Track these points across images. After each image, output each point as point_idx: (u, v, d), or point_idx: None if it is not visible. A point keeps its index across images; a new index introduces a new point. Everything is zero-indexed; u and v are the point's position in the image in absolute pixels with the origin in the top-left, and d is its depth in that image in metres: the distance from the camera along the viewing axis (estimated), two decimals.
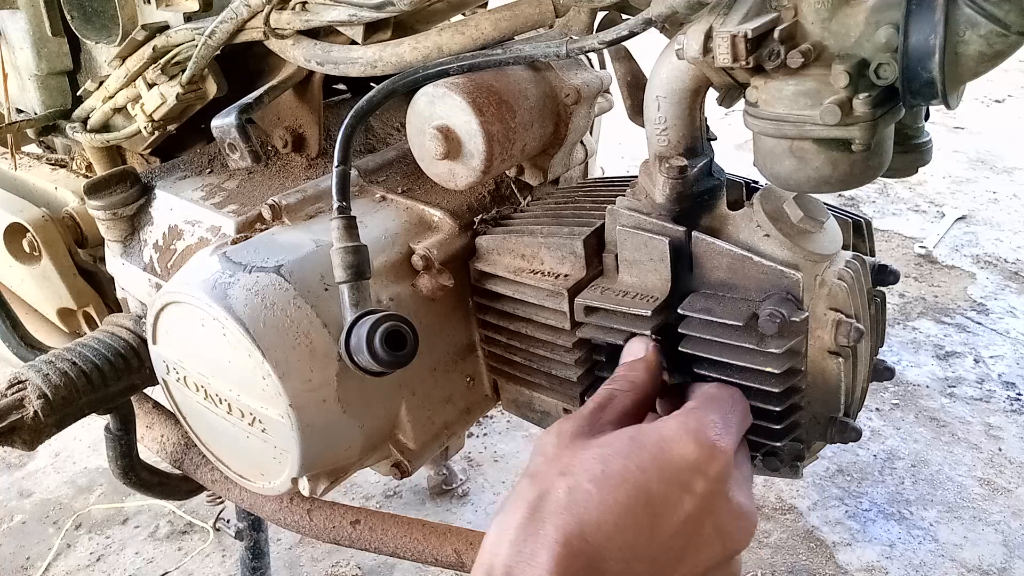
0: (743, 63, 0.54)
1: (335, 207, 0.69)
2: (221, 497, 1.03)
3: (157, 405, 1.10)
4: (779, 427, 0.64)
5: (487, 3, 0.95)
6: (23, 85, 1.12)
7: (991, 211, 3.44)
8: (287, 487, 0.79)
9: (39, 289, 1.14)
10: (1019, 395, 2.41)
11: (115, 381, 0.93)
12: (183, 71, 0.89)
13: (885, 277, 0.72)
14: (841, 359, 0.63)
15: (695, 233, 0.65)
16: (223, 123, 0.85)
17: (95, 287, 1.14)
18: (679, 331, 0.65)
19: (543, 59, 0.74)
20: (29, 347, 1.14)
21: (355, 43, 0.80)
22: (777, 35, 0.54)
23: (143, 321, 0.94)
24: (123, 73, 0.94)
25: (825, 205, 0.66)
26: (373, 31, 0.80)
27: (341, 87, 1.18)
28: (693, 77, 0.64)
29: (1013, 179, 3.72)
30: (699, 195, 0.67)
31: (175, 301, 0.75)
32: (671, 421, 0.55)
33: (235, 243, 0.78)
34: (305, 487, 0.80)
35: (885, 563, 1.91)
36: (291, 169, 0.97)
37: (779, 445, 0.65)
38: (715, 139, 0.73)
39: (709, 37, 0.56)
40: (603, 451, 0.53)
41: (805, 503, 2.08)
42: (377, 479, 2.19)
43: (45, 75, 1.09)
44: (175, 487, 1.10)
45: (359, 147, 1.00)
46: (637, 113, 0.83)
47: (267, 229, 0.81)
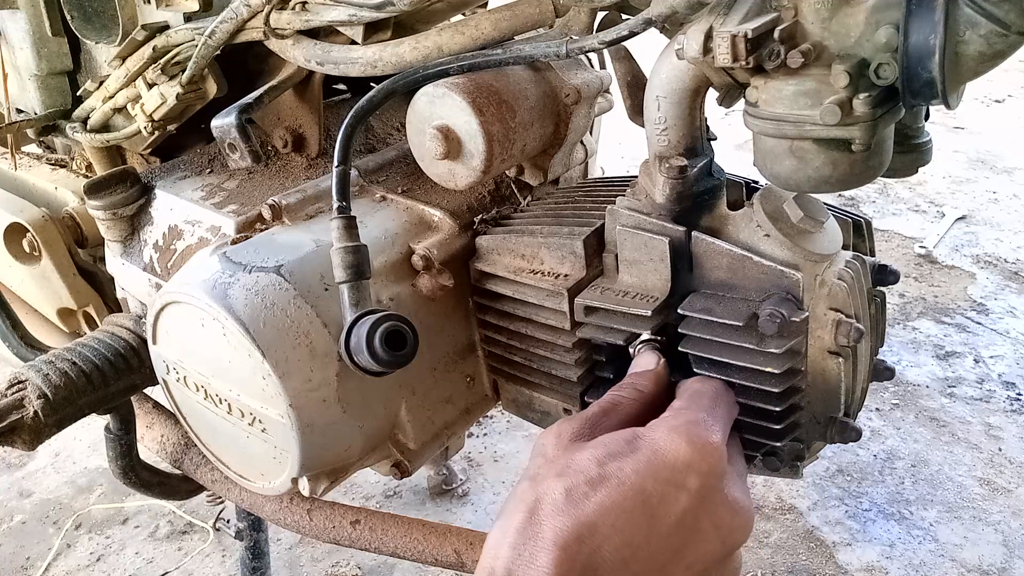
0: (743, 63, 0.54)
1: (335, 207, 0.69)
2: (221, 497, 1.03)
3: (157, 405, 1.10)
4: (779, 427, 0.64)
5: (487, 3, 0.95)
6: (23, 85, 1.12)
7: (991, 211, 3.44)
8: (287, 487, 0.79)
9: (39, 289, 1.14)
10: (1019, 395, 2.41)
11: (115, 381, 0.93)
12: (183, 71, 0.89)
13: (885, 277, 0.72)
14: (841, 359, 0.63)
15: (695, 233, 0.65)
16: (223, 123, 0.85)
17: (95, 287, 1.14)
18: (679, 331, 0.65)
19: (543, 59, 0.74)
20: (29, 347, 1.14)
21: (355, 43, 0.80)
22: (777, 35, 0.54)
23: (143, 321, 0.94)
24: (123, 73, 0.94)
25: (825, 205, 0.66)
26: (373, 31, 0.80)
27: (341, 87, 1.18)
28: (693, 77, 0.64)
29: (1013, 179, 3.72)
30: (699, 195, 0.67)
31: (175, 301, 0.75)
32: (661, 424, 0.56)
33: (235, 243, 0.78)
34: (305, 487, 0.80)
35: (885, 563, 1.91)
36: (291, 169, 0.97)
37: (779, 445, 0.66)
38: (715, 139, 0.73)
39: (709, 37, 0.56)
40: (599, 452, 0.54)
41: (805, 503, 2.08)
42: (377, 479, 2.19)
43: (45, 75, 1.09)
44: (175, 487, 1.10)
45: (359, 147, 1.00)
46: (637, 113, 0.83)
47: (267, 229, 0.81)
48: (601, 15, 0.86)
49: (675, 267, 0.66)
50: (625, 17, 0.80)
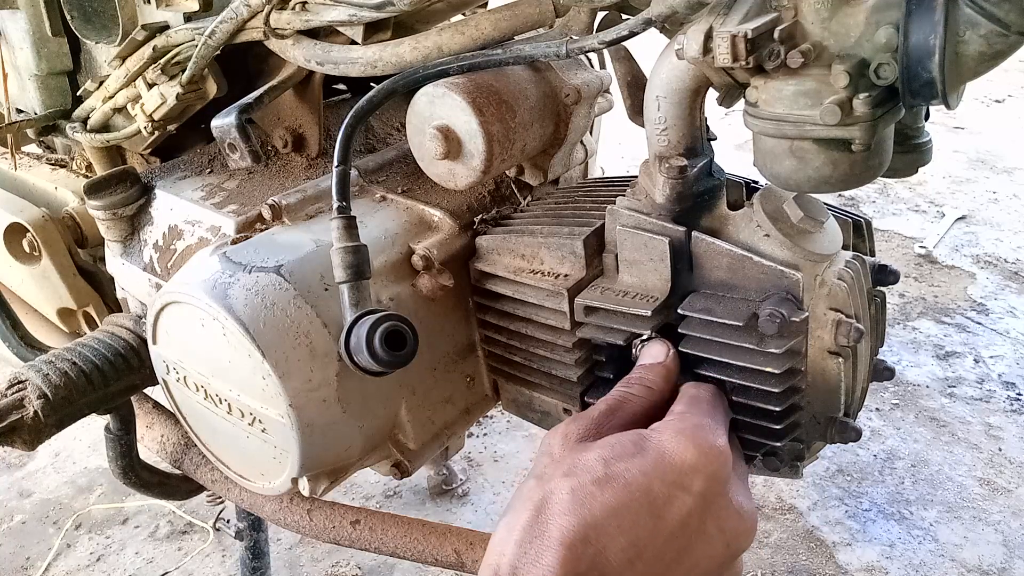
0: (743, 63, 0.54)
1: (335, 207, 0.69)
2: (221, 497, 1.03)
3: (157, 405, 1.10)
4: (779, 427, 0.64)
5: (487, 3, 0.95)
6: (23, 85, 1.12)
7: (991, 211, 3.44)
8: (287, 487, 0.79)
9: (39, 289, 1.14)
10: (1019, 395, 2.41)
11: (115, 381, 0.93)
12: (183, 71, 0.89)
13: (885, 277, 0.72)
14: (841, 359, 0.63)
15: (695, 233, 0.65)
16: (223, 123, 0.85)
17: (95, 287, 1.14)
18: (679, 331, 0.65)
19: (543, 59, 0.74)
20: (29, 347, 1.14)
21: (355, 43, 0.80)
22: (777, 35, 0.54)
23: (143, 321, 0.94)
24: (123, 73, 0.94)
25: (825, 205, 0.66)
26: (373, 31, 0.80)
27: (341, 87, 1.18)
28: (693, 77, 0.64)
29: (1013, 179, 3.72)
30: (699, 195, 0.67)
31: (175, 301, 0.75)
32: (667, 427, 0.56)
33: (235, 243, 0.78)
34: (305, 487, 0.80)
35: (885, 563, 1.91)
36: (291, 169, 0.97)
37: (779, 445, 0.66)
38: (715, 139, 0.73)
39: (709, 37, 0.56)
40: (606, 453, 0.54)
41: (805, 503, 2.08)
42: (377, 479, 2.19)
43: (45, 75, 1.09)
44: (175, 487, 1.10)
45: (359, 147, 1.00)
46: (637, 113, 0.83)
47: (267, 229, 0.81)
48: (601, 15, 0.86)
49: (675, 267, 0.66)
50: (625, 17, 0.80)
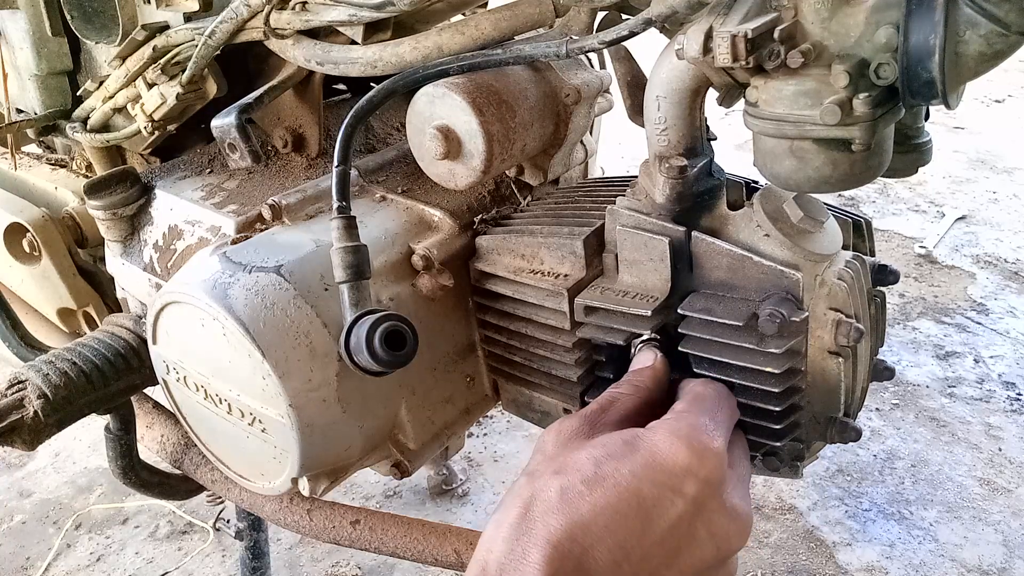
0: (743, 63, 0.54)
1: (335, 207, 0.69)
2: (221, 497, 1.03)
3: (157, 405, 1.10)
4: (779, 427, 0.64)
5: (487, 3, 0.95)
6: (23, 85, 1.12)
7: (991, 211, 3.44)
8: (287, 487, 0.79)
9: (39, 289, 1.14)
10: (1019, 395, 2.41)
11: (115, 381, 0.93)
12: (183, 71, 0.89)
13: (885, 277, 0.72)
14: (841, 359, 0.63)
15: (695, 233, 0.65)
16: (223, 123, 0.85)
17: (95, 287, 1.14)
18: (679, 331, 0.65)
19: (543, 59, 0.74)
20: (29, 347, 1.14)
21: (355, 43, 0.80)
22: (777, 35, 0.54)
23: (143, 321, 0.94)
24: (123, 73, 0.94)
25: (825, 205, 0.66)
26: (373, 31, 0.80)
27: (341, 87, 1.18)
28: (693, 77, 0.64)
29: (1013, 179, 3.71)
30: (699, 195, 0.67)
31: (175, 301, 0.75)
32: (662, 427, 0.56)
33: (235, 243, 0.78)
34: (305, 487, 0.80)
35: (885, 563, 1.91)
36: (291, 169, 0.97)
37: (779, 445, 0.66)
38: (715, 139, 0.73)
39: (709, 37, 0.56)
40: (597, 452, 0.54)
41: (805, 503, 2.08)
42: (377, 479, 2.19)
43: (45, 75, 1.09)
44: (175, 487, 1.10)
45: (359, 147, 1.00)
46: (637, 113, 0.83)
47: (267, 229, 0.81)
48: (601, 15, 0.86)
49: (675, 267, 0.66)
50: (625, 17, 0.80)
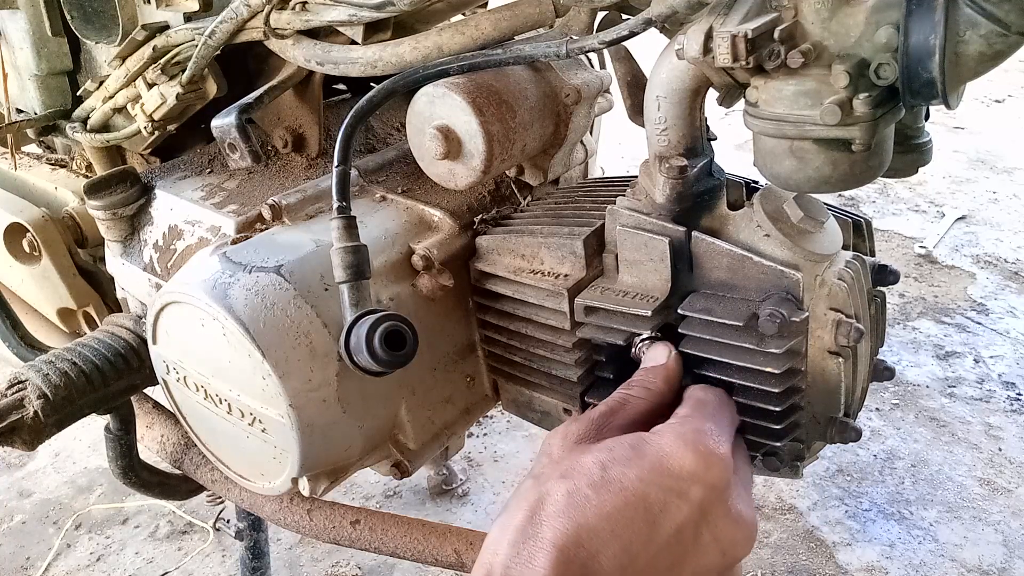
0: (743, 63, 0.54)
1: (335, 207, 0.69)
2: (221, 497, 1.03)
3: (157, 405, 1.10)
4: (779, 427, 0.64)
5: (487, 3, 0.95)
6: (23, 85, 1.12)
7: (991, 211, 3.44)
8: (287, 487, 0.79)
9: (39, 289, 1.14)
10: (1019, 395, 2.41)
11: (115, 381, 0.93)
12: (183, 71, 0.89)
13: (885, 277, 0.72)
14: (841, 359, 0.63)
15: (695, 233, 0.65)
16: (223, 123, 0.85)
17: (95, 287, 1.14)
18: (679, 331, 0.65)
19: (543, 59, 0.74)
20: (29, 347, 1.14)
21: (355, 43, 0.80)
22: (777, 35, 0.54)
23: (143, 321, 0.94)
24: (123, 73, 0.94)
25: (825, 205, 0.66)
26: (373, 31, 0.80)
27: (341, 87, 1.18)
28: (693, 77, 0.64)
29: (1013, 179, 3.71)
30: (699, 195, 0.67)
31: (175, 301, 0.75)
32: (668, 432, 0.55)
33: (235, 243, 0.78)
34: (305, 487, 0.80)
35: (885, 563, 1.91)
36: (291, 169, 0.97)
37: (779, 445, 0.66)
38: (715, 139, 0.73)
39: (709, 37, 0.56)
40: (603, 456, 0.54)
41: (805, 503, 2.08)
42: (377, 479, 2.19)
43: (45, 75, 1.09)
44: (175, 487, 1.10)
45: (359, 147, 1.00)
46: (637, 113, 0.83)
47: (267, 229, 0.81)
48: (601, 15, 0.86)
49: (675, 267, 0.66)
50: (625, 17, 0.80)
